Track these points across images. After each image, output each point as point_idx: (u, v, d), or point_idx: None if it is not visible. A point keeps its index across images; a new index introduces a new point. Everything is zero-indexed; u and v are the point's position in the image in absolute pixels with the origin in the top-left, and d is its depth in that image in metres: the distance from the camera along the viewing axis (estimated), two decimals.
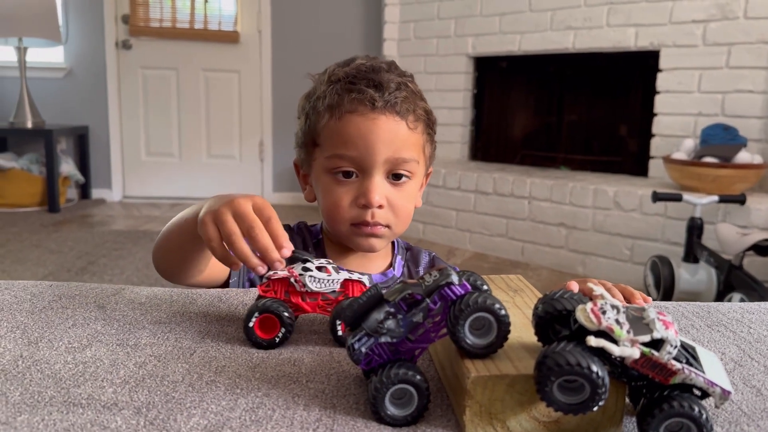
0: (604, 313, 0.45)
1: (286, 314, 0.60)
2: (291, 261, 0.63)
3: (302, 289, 0.62)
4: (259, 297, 0.62)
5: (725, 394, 0.45)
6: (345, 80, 0.89)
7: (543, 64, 3.81)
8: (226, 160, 4.85)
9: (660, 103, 3.25)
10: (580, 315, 0.45)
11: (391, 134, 0.87)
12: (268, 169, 4.84)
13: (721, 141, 2.87)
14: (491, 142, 4.16)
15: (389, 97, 0.87)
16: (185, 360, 0.57)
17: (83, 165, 4.72)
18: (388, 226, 0.90)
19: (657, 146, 3.29)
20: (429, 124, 0.95)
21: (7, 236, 3.55)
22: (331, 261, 0.64)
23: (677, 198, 2.59)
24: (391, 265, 1.00)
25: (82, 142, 4.71)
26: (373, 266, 0.98)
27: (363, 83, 0.87)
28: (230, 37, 4.67)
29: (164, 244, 0.83)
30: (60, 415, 0.47)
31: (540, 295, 0.66)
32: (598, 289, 0.48)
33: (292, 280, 0.62)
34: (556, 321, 0.49)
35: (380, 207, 0.88)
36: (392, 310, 0.48)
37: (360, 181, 0.88)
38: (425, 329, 0.49)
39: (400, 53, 4.30)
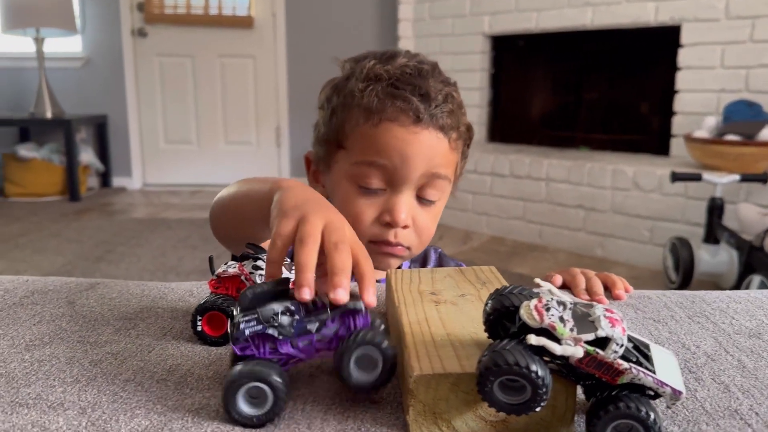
0: (548, 310, 0.43)
1: (231, 308, 0.59)
2: (242, 258, 0.62)
3: None
4: (210, 294, 0.61)
5: (676, 395, 0.43)
6: (387, 81, 0.79)
7: (561, 41, 3.73)
8: (244, 146, 4.87)
9: (681, 79, 3.17)
10: (523, 312, 0.43)
11: (431, 151, 0.79)
12: (285, 155, 4.84)
13: (744, 117, 2.79)
14: (509, 123, 4.10)
15: (435, 110, 0.79)
16: (141, 357, 0.57)
17: (103, 154, 4.78)
18: (409, 248, 0.83)
19: (679, 124, 3.21)
20: (467, 141, 0.88)
21: (28, 226, 3.62)
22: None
23: (697, 177, 2.52)
24: (399, 268, 0.94)
25: (101, 131, 4.76)
26: (380, 272, 0.91)
27: (408, 90, 0.79)
28: (244, 22, 4.66)
29: (228, 214, 0.73)
30: (3, 416, 0.47)
31: None
32: (546, 285, 0.46)
33: (242, 277, 0.61)
34: (504, 317, 0.47)
35: (405, 227, 0.81)
36: (293, 307, 0.47)
37: (387, 196, 0.81)
38: (311, 342, 0.47)
39: (415, 34, 4.25)
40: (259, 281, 0.61)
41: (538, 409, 0.42)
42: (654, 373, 0.43)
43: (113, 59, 4.69)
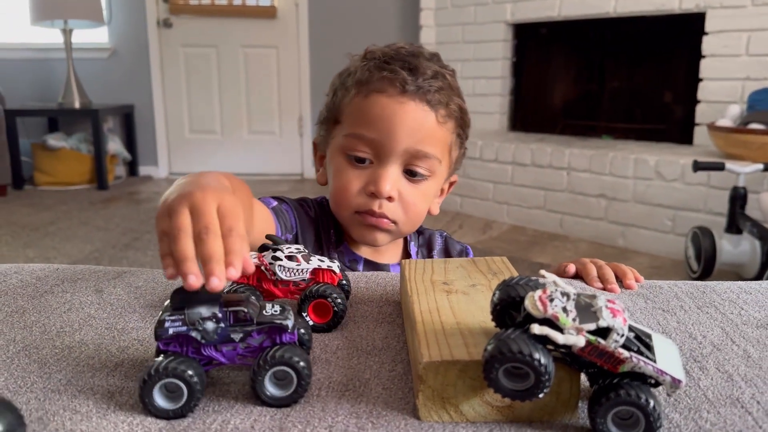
0: (551, 300, 0.45)
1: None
2: (262, 249, 0.64)
3: (272, 278, 0.63)
4: (232, 283, 0.64)
5: (676, 383, 0.44)
6: (380, 59, 0.84)
7: (584, 29, 3.70)
8: (267, 135, 4.91)
9: (705, 67, 3.13)
10: (527, 303, 0.45)
11: (416, 123, 0.82)
12: (307, 144, 4.87)
13: None
14: (531, 112, 4.09)
15: (422, 83, 0.82)
16: None
17: (130, 143, 4.85)
18: (395, 222, 0.85)
19: (702, 113, 3.18)
20: (462, 124, 0.89)
21: (58, 214, 3.70)
22: (301, 248, 0.65)
23: (719, 167, 2.50)
24: (407, 254, 0.96)
25: (128, 121, 4.83)
26: (388, 255, 0.94)
27: (398, 64, 0.83)
28: (267, 12, 4.68)
29: None
30: (37, 402, 0.49)
31: None
32: (551, 277, 0.48)
33: (262, 268, 0.63)
34: (511, 307, 0.49)
35: (390, 199, 0.83)
36: (220, 315, 0.48)
37: (373, 168, 0.84)
38: (235, 349, 0.49)
39: (437, 23, 4.24)
40: (278, 272, 0.63)
41: (541, 396, 0.44)
42: (654, 362, 0.44)
43: (139, 50, 4.75)
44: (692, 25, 3.17)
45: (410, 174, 0.85)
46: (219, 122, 4.90)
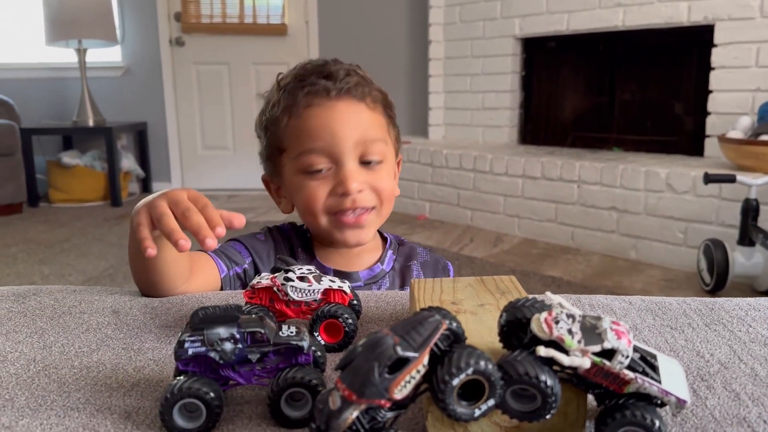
0: (557, 322, 0.45)
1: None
2: (274, 270, 0.66)
3: (285, 298, 0.64)
4: (246, 304, 0.65)
5: (681, 404, 0.45)
6: (294, 80, 0.90)
7: (592, 42, 3.72)
8: None
9: (715, 79, 3.13)
10: (533, 325, 0.46)
11: (353, 117, 0.88)
12: None
13: None
14: (541, 125, 4.10)
15: (341, 84, 0.88)
16: None
17: (143, 160, 4.90)
18: (373, 208, 0.89)
19: (713, 124, 3.18)
20: (387, 105, 0.95)
21: (72, 231, 3.74)
22: (313, 269, 0.66)
23: (731, 179, 2.49)
24: (380, 260, 0.97)
25: (141, 138, 4.89)
26: (360, 262, 0.96)
27: (313, 77, 0.88)
28: (278, 30, 4.74)
29: (133, 263, 0.80)
30: (57, 419, 0.51)
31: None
32: (556, 298, 0.49)
33: (275, 288, 0.64)
34: (518, 328, 0.50)
35: (360, 192, 0.87)
36: (238, 336, 0.49)
37: (334, 173, 0.87)
38: (252, 369, 0.50)
39: (446, 38, 4.27)
40: (290, 292, 0.64)
41: (548, 417, 0.45)
42: (659, 382, 0.45)
43: (152, 68, 4.81)
44: (701, 37, 3.17)
45: (367, 164, 0.89)
46: (231, 138, 4.95)
